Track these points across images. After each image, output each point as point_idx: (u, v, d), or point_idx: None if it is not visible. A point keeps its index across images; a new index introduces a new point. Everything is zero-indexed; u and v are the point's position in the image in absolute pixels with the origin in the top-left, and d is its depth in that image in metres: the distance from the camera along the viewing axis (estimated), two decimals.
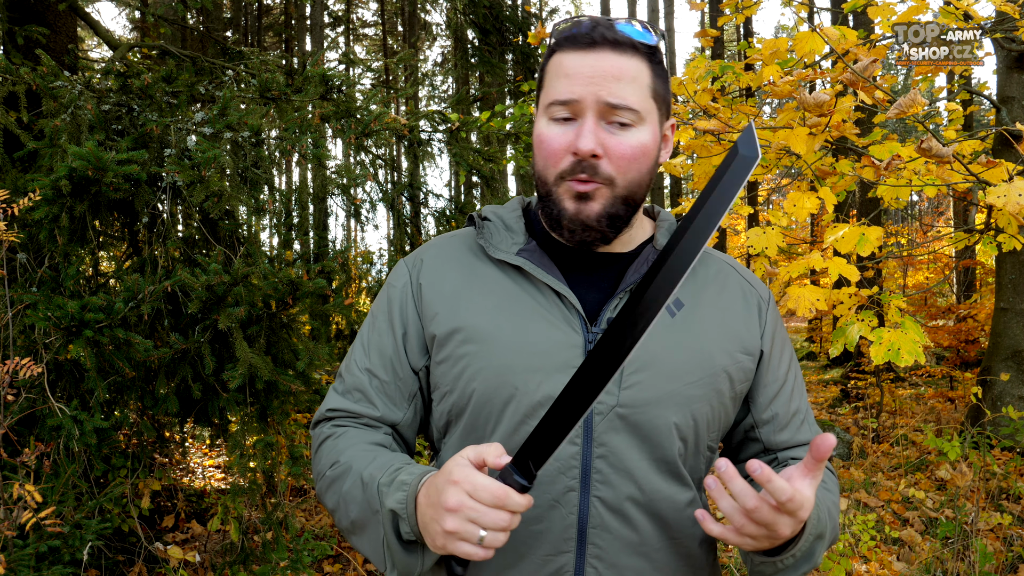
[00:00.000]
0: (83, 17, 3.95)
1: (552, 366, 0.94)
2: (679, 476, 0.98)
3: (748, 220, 12.90)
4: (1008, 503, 4.27)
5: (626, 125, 0.94)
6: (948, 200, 15.88)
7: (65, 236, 2.58)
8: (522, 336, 0.95)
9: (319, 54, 3.60)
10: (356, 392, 1.04)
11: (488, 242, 1.02)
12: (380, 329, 1.05)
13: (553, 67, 0.97)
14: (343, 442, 1.00)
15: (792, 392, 1.07)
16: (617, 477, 0.94)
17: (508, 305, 0.98)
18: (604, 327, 0.95)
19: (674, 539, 0.97)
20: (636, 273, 0.99)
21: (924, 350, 4.66)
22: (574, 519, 0.93)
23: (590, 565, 0.93)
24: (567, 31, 0.95)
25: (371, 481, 0.91)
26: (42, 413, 2.41)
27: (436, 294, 1.02)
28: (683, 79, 3.59)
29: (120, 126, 2.93)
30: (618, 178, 0.94)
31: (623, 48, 0.94)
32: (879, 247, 2.77)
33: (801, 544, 0.86)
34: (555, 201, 0.96)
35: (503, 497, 0.79)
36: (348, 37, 20.09)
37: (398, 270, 1.09)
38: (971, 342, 7.96)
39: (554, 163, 0.95)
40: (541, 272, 0.97)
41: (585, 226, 0.95)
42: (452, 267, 1.04)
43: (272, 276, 2.71)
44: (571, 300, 0.96)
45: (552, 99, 0.94)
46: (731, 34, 24.46)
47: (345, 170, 3.60)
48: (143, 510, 3.02)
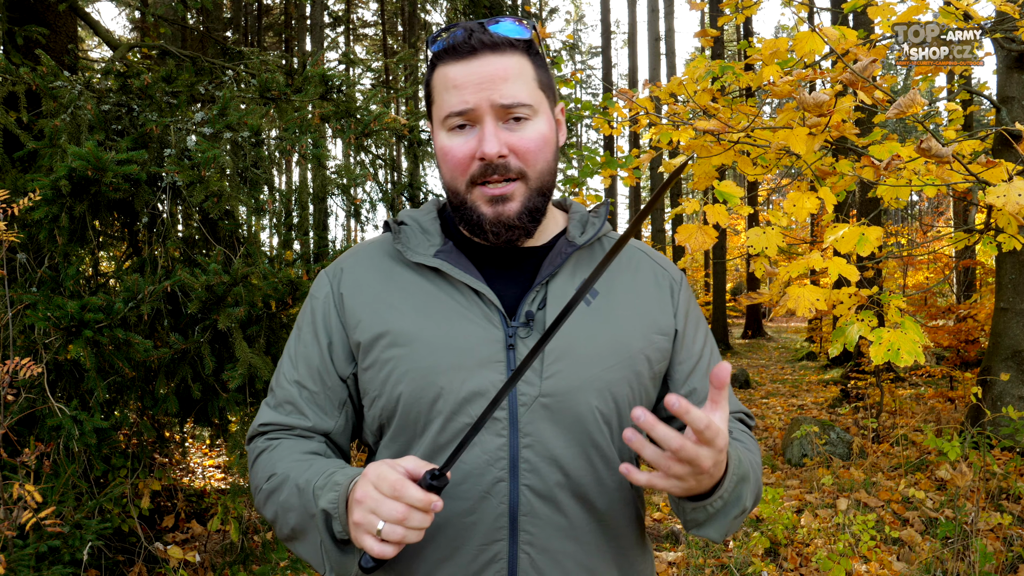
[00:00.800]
0: (83, 17, 3.95)
1: (475, 362, 0.97)
2: (606, 459, 1.01)
3: (748, 220, 12.91)
4: (1008, 503, 4.27)
5: (522, 120, 0.98)
6: (948, 200, 15.89)
7: (65, 236, 2.58)
8: (444, 336, 0.98)
9: (319, 54, 3.61)
10: (287, 405, 1.06)
11: (405, 246, 1.04)
12: (306, 341, 1.07)
13: (439, 80, 0.99)
14: (277, 454, 1.02)
15: (709, 366, 1.12)
16: (544, 465, 0.97)
17: (429, 307, 1.01)
18: (523, 320, 0.99)
19: (603, 521, 1.01)
20: (551, 265, 1.02)
21: (924, 350, 4.66)
22: (505, 508, 0.96)
23: (523, 551, 0.97)
24: (445, 43, 0.98)
25: (307, 486, 0.93)
26: (42, 413, 2.41)
27: (357, 302, 1.04)
28: (683, 79, 3.59)
29: (120, 126, 2.93)
30: (529, 171, 0.99)
31: (502, 49, 0.97)
32: (879, 247, 2.77)
33: (726, 485, 0.89)
34: (471, 208, 1.00)
35: (400, 488, 0.81)
36: (348, 37, 20.10)
37: (319, 281, 1.11)
38: (971, 342, 7.96)
39: (462, 171, 0.98)
40: (458, 272, 1.00)
41: (508, 226, 0.99)
42: (371, 274, 1.06)
43: (272, 276, 2.71)
44: (489, 297, 0.99)
45: (447, 112, 0.97)
46: (731, 34, 24.46)
47: (345, 170, 3.61)
48: (143, 510, 3.02)
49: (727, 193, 2.70)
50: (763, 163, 3.56)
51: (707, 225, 2.76)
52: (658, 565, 3.73)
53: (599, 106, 5.38)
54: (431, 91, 1.02)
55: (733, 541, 4.03)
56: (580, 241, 1.06)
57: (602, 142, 25.95)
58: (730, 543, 4.01)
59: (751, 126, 2.93)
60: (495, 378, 0.96)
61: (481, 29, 0.97)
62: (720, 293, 16.71)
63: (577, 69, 33.79)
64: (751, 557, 3.70)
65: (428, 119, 1.06)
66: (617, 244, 0.79)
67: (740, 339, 19.74)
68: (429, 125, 1.06)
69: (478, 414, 0.95)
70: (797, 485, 5.21)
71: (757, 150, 3.31)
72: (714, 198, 2.79)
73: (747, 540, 3.91)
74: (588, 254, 1.08)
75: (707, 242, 2.70)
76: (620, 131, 5.80)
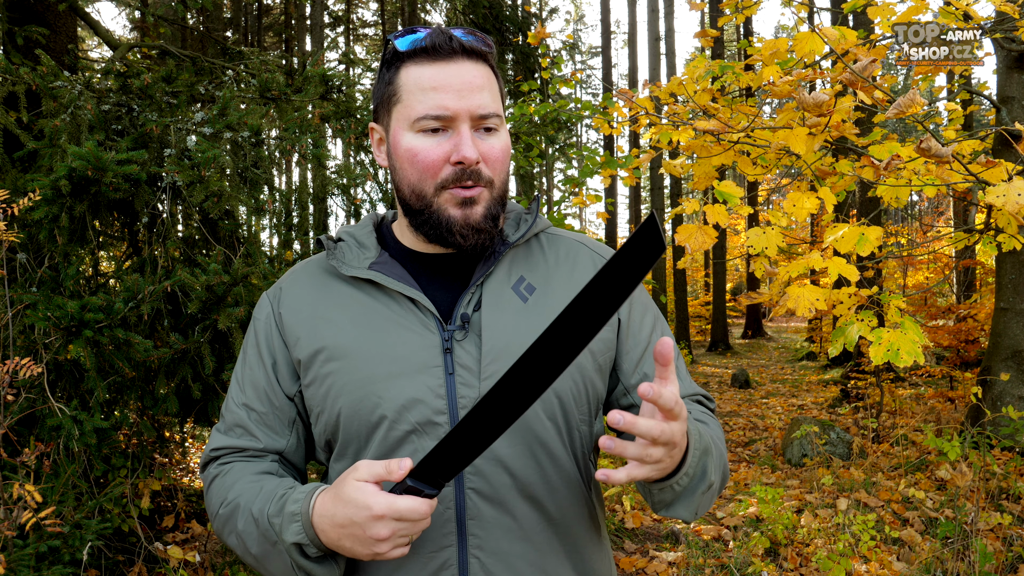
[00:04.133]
0: (83, 17, 3.95)
1: (412, 369, 0.97)
2: (553, 457, 1.00)
3: (748, 220, 12.91)
4: (1008, 503, 4.27)
5: (491, 130, 0.99)
6: (948, 200, 15.89)
7: (65, 236, 2.58)
8: (380, 346, 0.99)
9: (319, 54, 3.61)
10: (237, 428, 1.07)
11: (340, 261, 1.05)
12: (251, 363, 1.08)
13: (410, 80, 0.98)
14: (229, 479, 1.03)
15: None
16: (489, 467, 0.96)
17: (364, 319, 1.01)
18: (459, 323, 0.99)
19: (554, 520, 1.01)
20: (486, 265, 1.03)
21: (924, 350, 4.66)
22: (452, 514, 0.96)
23: (472, 556, 0.96)
24: (421, 43, 0.97)
25: (261, 516, 0.94)
26: (42, 413, 2.41)
27: (295, 319, 1.05)
28: (683, 79, 3.59)
29: (120, 126, 2.93)
30: (495, 179, 1.00)
31: (476, 57, 0.98)
32: (879, 247, 2.77)
33: (690, 460, 0.89)
34: (437, 211, 0.99)
35: (425, 512, 0.84)
36: (348, 37, 20.09)
37: (261, 303, 1.12)
38: (971, 342, 7.95)
39: (432, 174, 0.98)
40: (392, 281, 1.01)
41: (476, 229, 0.99)
42: (308, 291, 1.07)
43: (272, 276, 2.71)
44: (424, 303, 1.00)
45: (422, 114, 0.96)
46: (731, 34, 24.46)
47: (345, 170, 3.61)
48: (143, 510, 3.02)
49: (727, 193, 2.70)
50: (763, 163, 3.56)
51: (707, 225, 2.76)
52: (658, 565, 3.73)
53: (599, 106, 5.38)
54: (397, 90, 0.99)
55: (733, 541, 4.03)
56: (514, 238, 1.06)
57: (602, 142, 25.94)
58: (730, 543, 4.02)
59: (751, 126, 2.93)
60: (433, 383, 0.96)
61: (450, 35, 0.97)
62: (720, 293, 16.72)
63: (577, 69, 33.78)
64: (751, 557, 3.70)
65: (377, 118, 1.05)
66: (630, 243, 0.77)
67: (740, 339, 19.75)
68: (380, 124, 1.04)
69: (418, 420, 0.96)
70: (797, 485, 5.21)
71: (757, 150, 3.31)
72: (714, 198, 2.79)
73: (747, 540, 3.91)
74: (524, 251, 1.08)
75: (707, 242, 2.70)
76: (620, 131, 5.80)
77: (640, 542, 4.17)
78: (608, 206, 8.12)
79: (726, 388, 10.81)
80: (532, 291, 1.03)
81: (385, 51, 1.02)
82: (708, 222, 2.80)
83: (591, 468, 1.07)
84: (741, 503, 4.48)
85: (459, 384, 0.97)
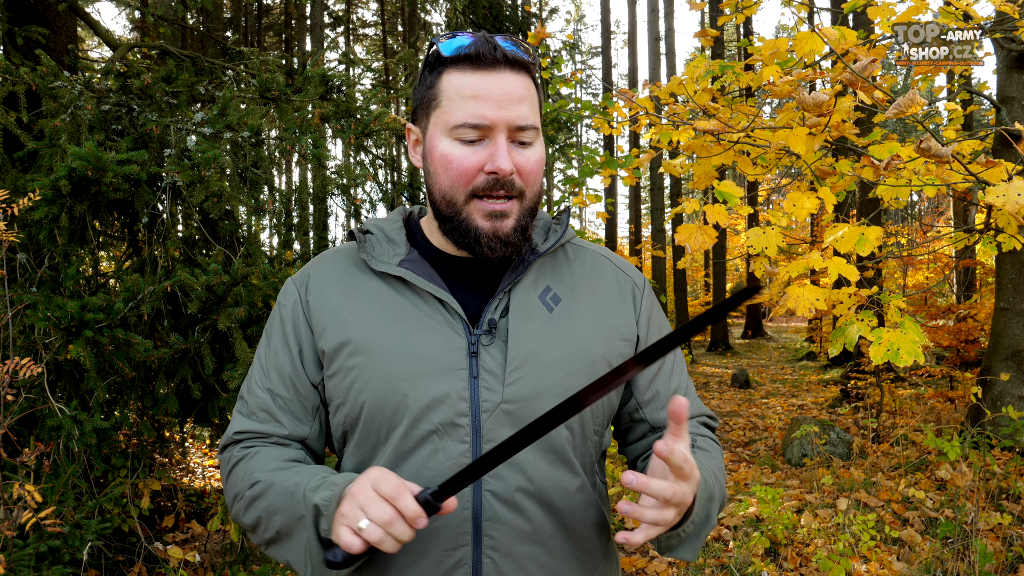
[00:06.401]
0: (83, 17, 3.95)
1: (438, 370, 0.98)
2: (568, 463, 1.02)
3: (748, 220, 12.92)
4: (1008, 503, 4.27)
5: (527, 144, 0.99)
6: (948, 200, 15.89)
7: (65, 236, 2.58)
8: (407, 344, 0.99)
9: (319, 54, 3.61)
10: (261, 412, 1.06)
11: (370, 255, 1.05)
12: (276, 348, 1.08)
13: (452, 87, 0.98)
14: (258, 461, 1.02)
15: (672, 370, 1.14)
16: (506, 470, 0.98)
17: (392, 315, 1.01)
18: (486, 328, 1.00)
19: (566, 525, 1.02)
20: (514, 273, 1.04)
21: (924, 350, 4.66)
22: (468, 513, 0.97)
23: (487, 556, 0.98)
24: (465, 49, 0.97)
25: (296, 489, 0.94)
26: (42, 413, 2.41)
27: (323, 309, 1.05)
28: (683, 79, 3.59)
29: (120, 126, 2.93)
30: (527, 191, 1.01)
31: (518, 68, 0.98)
32: (879, 247, 2.77)
33: (697, 509, 0.92)
34: (466, 220, 1.00)
35: (397, 494, 0.83)
36: (348, 37, 20.10)
37: (286, 289, 1.12)
38: (971, 342, 7.95)
39: (465, 182, 0.98)
40: (423, 281, 1.01)
41: (504, 242, 0.99)
42: (337, 282, 1.07)
43: (272, 276, 2.71)
44: (453, 305, 1.00)
45: (460, 122, 0.96)
46: (731, 34, 24.47)
47: (345, 170, 3.61)
48: (143, 510, 3.02)
49: (727, 193, 2.70)
50: (763, 163, 3.56)
51: (707, 225, 2.76)
52: (658, 565, 3.73)
53: (599, 106, 5.38)
54: (438, 94, 0.99)
55: (733, 541, 4.03)
56: (543, 248, 1.07)
57: (602, 142, 25.95)
58: (730, 543, 4.02)
59: (751, 126, 2.93)
60: (457, 385, 0.97)
61: (495, 44, 0.97)
62: (720, 293, 16.73)
63: (577, 69, 33.78)
64: (751, 557, 3.70)
65: (415, 119, 1.05)
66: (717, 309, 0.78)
67: (740, 339, 19.75)
68: (418, 126, 1.04)
69: (440, 421, 0.96)
70: (797, 485, 5.21)
71: (757, 150, 3.32)
72: (714, 198, 2.79)
73: (747, 540, 3.91)
74: (551, 261, 1.09)
75: (707, 242, 2.70)
76: (620, 131, 5.80)
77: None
78: (608, 206, 8.12)
79: (726, 388, 10.81)
80: (558, 301, 1.05)
81: (428, 53, 1.02)
82: (708, 222, 2.80)
83: (598, 476, 1.09)
84: (741, 503, 4.48)
85: (483, 388, 0.98)
